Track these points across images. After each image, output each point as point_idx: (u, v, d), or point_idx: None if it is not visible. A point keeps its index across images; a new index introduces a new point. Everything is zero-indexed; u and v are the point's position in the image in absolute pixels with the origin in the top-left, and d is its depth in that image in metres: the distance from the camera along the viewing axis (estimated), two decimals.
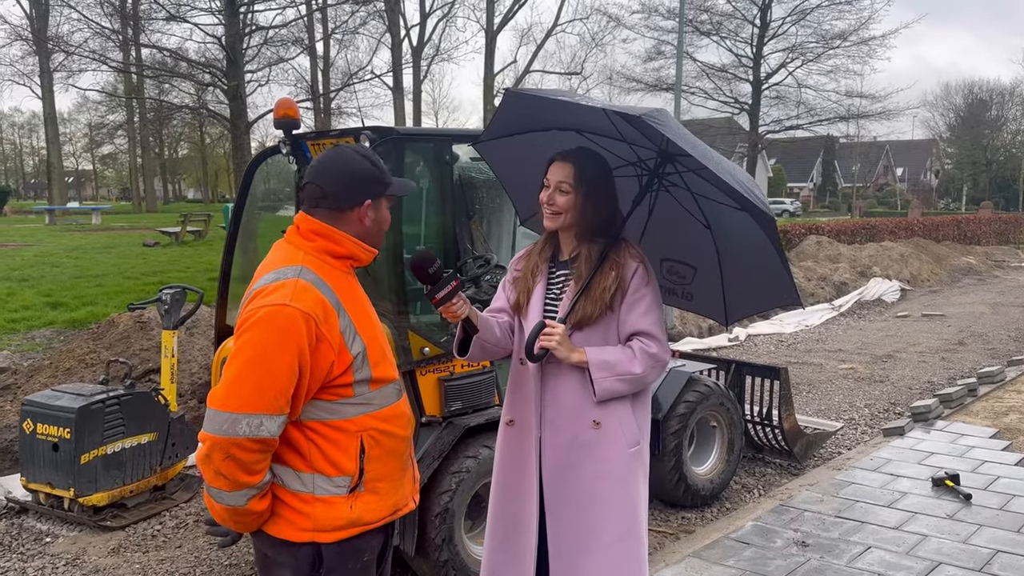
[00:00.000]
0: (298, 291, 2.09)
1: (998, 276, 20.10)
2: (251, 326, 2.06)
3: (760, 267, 2.78)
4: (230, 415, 2.01)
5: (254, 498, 2.10)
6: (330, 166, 2.24)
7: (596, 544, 2.65)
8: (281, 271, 2.15)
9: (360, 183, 2.24)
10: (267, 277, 2.15)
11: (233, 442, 2.01)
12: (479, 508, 4.32)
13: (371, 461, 2.21)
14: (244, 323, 2.09)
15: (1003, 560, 4.16)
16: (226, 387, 2.04)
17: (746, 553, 4.29)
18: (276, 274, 2.14)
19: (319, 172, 2.24)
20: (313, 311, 2.08)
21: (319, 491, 2.16)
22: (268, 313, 2.05)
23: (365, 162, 2.26)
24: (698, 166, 2.46)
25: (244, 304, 2.16)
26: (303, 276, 2.13)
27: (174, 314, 5.82)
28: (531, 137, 2.87)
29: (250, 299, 2.14)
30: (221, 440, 2.01)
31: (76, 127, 64.48)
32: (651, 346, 2.63)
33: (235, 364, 2.05)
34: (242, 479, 2.05)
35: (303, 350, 2.06)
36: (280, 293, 2.08)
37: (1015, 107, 59.94)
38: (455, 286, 2.48)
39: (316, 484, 2.16)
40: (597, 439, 2.63)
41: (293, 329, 2.05)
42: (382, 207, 2.30)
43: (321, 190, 2.22)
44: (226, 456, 2.02)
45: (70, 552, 4.73)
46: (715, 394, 5.39)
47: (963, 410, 7.16)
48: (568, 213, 2.66)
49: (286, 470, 2.17)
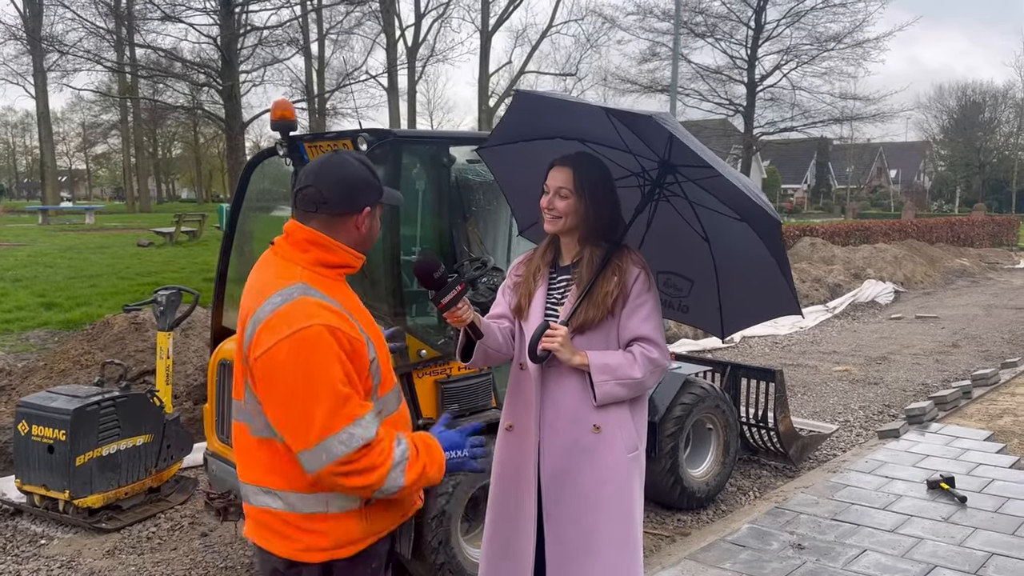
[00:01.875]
0: (313, 308, 2.05)
1: (991, 278, 20.16)
2: (285, 359, 2.00)
3: (758, 279, 2.79)
4: (320, 446, 2.00)
5: (404, 475, 2.10)
6: (331, 170, 2.19)
7: (594, 549, 2.65)
8: (284, 292, 2.08)
9: (360, 189, 2.20)
10: (272, 300, 2.07)
11: (340, 464, 2.01)
12: (476, 511, 4.32)
13: None
14: (275, 357, 2.01)
15: (998, 563, 4.18)
16: (302, 422, 2.00)
17: (742, 556, 4.29)
18: (281, 296, 2.07)
19: (319, 176, 2.18)
20: (334, 323, 2.05)
21: (333, 507, 2.13)
22: (297, 339, 2.00)
23: (364, 168, 2.23)
24: (702, 175, 2.48)
25: (254, 338, 2.07)
26: (309, 293, 2.08)
27: (169, 315, 5.81)
28: (534, 145, 2.87)
29: (263, 329, 2.05)
30: (329, 470, 2.01)
31: (69, 126, 64.31)
32: (652, 351, 2.64)
33: (294, 401, 2.00)
34: (375, 478, 2.05)
35: (343, 359, 2.04)
36: (296, 316, 2.03)
37: (1008, 110, 60.15)
38: (460, 291, 2.48)
39: (330, 502, 2.13)
40: (597, 444, 2.63)
41: (325, 344, 2.01)
42: (376, 215, 2.27)
43: (321, 194, 2.16)
44: (345, 475, 2.03)
45: (65, 554, 4.72)
46: (711, 396, 5.39)
47: (957, 412, 7.18)
48: (568, 218, 2.66)
49: (295, 495, 2.13)
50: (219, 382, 4.32)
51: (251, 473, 2.20)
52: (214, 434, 4.37)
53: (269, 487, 2.15)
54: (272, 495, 2.15)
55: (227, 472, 4.22)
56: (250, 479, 2.20)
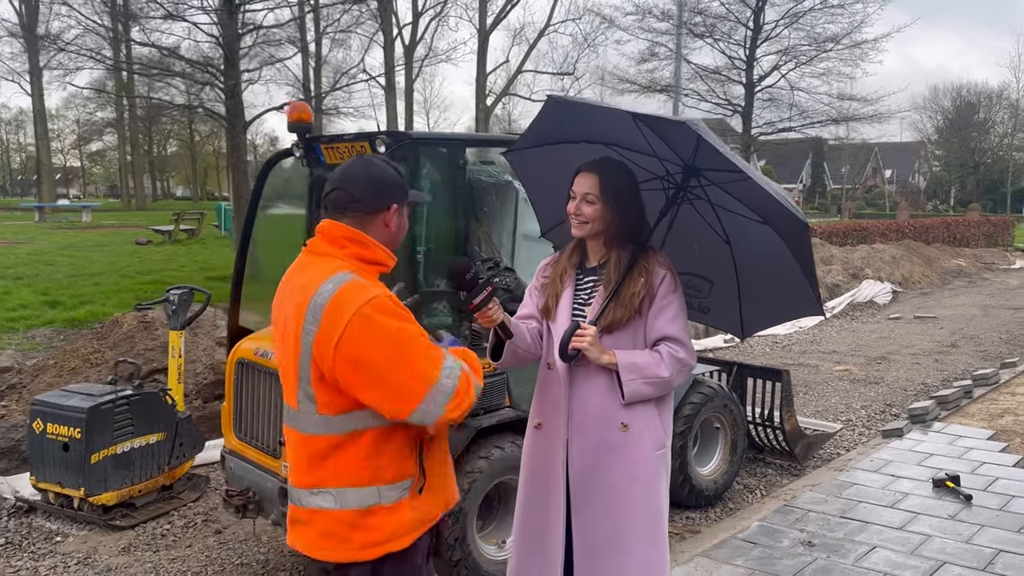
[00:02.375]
0: (365, 284, 2.16)
1: (988, 278, 20.27)
2: (366, 332, 2.09)
3: (779, 281, 2.84)
4: (435, 390, 2.12)
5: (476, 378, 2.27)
6: (357, 172, 2.28)
7: (623, 545, 2.71)
8: (333, 279, 2.15)
9: (388, 187, 2.28)
10: (324, 290, 2.13)
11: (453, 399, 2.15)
12: (491, 508, 4.38)
13: (428, 460, 2.28)
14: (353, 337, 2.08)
15: (1006, 560, 4.24)
16: (409, 382, 2.11)
17: (754, 553, 4.36)
18: (331, 283, 2.14)
19: (345, 178, 2.27)
20: (389, 292, 2.19)
21: (385, 499, 2.20)
22: (369, 308, 2.10)
23: (389, 168, 2.32)
24: (727, 179, 2.53)
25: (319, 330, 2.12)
26: (356, 278, 2.17)
27: (181, 315, 5.85)
28: (559, 149, 2.93)
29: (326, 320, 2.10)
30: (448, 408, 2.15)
31: (64, 123, 64.12)
32: (678, 351, 2.70)
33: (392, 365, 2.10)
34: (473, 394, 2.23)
35: (407, 316, 2.18)
36: (359, 292, 2.12)
37: (1003, 110, 60.40)
38: (490, 292, 2.55)
39: (382, 494, 2.20)
40: (625, 441, 2.69)
41: (390, 309, 2.14)
42: (404, 212, 2.35)
43: (350, 195, 2.24)
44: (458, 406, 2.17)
45: (81, 551, 4.76)
46: (719, 396, 5.46)
47: (959, 412, 7.26)
48: (595, 222, 2.72)
49: (350, 491, 2.19)
50: (237, 381, 4.36)
51: (304, 476, 2.25)
52: (232, 432, 4.42)
53: (323, 487, 2.20)
54: (325, 495, 2.20)
55: (245, 469, 4.27)
56: (303, 483, 2.25)
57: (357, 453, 2.17)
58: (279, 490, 3.94)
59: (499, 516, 4.41)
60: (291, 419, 2.28)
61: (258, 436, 4.21)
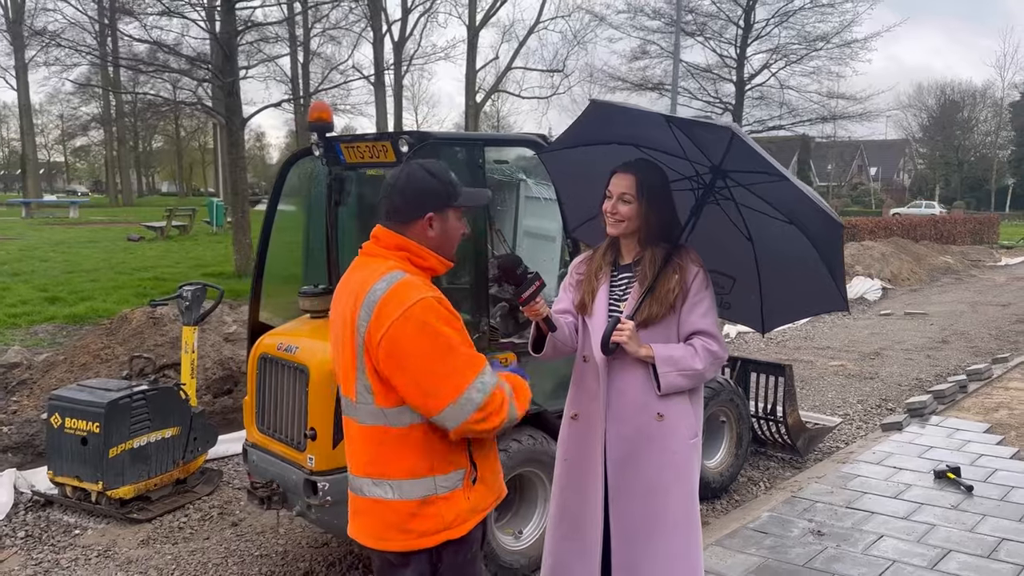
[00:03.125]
0: (417, 284, 2.26)
1: (975, 275, 20.56)
2: (411, 332, 2.19)
3: (802, 278, 2.95)
4: (463, 397, 2.20)
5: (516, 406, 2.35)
6: (396, 183, 2.39)
7: (659, 531, 2.82)
8: (386, 278, 2.26)
9: (422, 197, 2.36)
10: (377, 288, 2.25)
11: (480, 411, 2.21)
12: (508, 500, 4.47)
13: (477, 451, 2.37)
14: (400, 338, 2.19)
15: (1009, 548, 4.39)
16: (441, 384, 2.19)
17: (766, 542, 4.48)
18: (384, 282, 2.25)
19: (388, 188, 2.40)
20: (439, 295, 2.27)
21: (441, 489, 2.30)
22: (416, 308, 2.19)
23: (429, 177, 2.39)
24: (755, 180, 2.63)
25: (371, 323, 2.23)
26: (408, 276, 2.27)
27: (195, 310, 5.90)
28: (590, 150, 3.02)
29: (377, 314, 2.22)
30: (473, 418, 2.21)
31: (48, 118, 63.62)
32: (712, 344, 2.81)
33: (429, 365, 2.19)
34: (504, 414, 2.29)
35: (456, 323, 2.26)
36: (407, 292, 2.22)
37: (986, 109, 61.04)
38: (538, 286, 2.65)
39: (438, 484, 2.30)
40: (661, 431, 2.80)
41: (438, 311, 2.23)
42: (449, 218, 2.41)
43: (391, 204, 2.38)
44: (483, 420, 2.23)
45: (101, 544, 4.82)
46: (725, 390, 5.57)
47: (955, 406, 7.42)
48: (631, 221, 2.83)
49: (408, 482, 2.28)
50: (260, 375, 4.42)
51: (364, 467, 2.35)
52: (254, 426, 4.48)
53: (383, 478, 2.30)
54: (385, 485, 2.30)
55: (268, 462, 4.34)
56: (362, 472, 2.35)
57: (413, 445, 2.27)
58: (304, 482, 4.01)
59: (516, 508, 4.50)
60: (350, 411, 2.38)
61: (281, 429, 4.28)
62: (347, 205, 4.70)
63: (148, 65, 14.98)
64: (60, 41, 14.28)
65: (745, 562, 4.23)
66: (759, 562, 4.23)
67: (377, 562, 2.42)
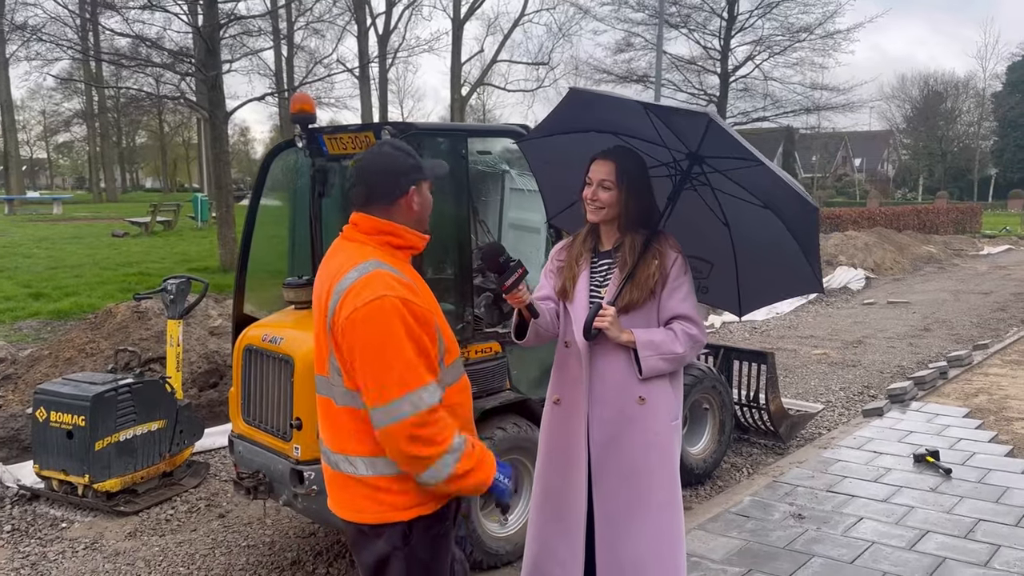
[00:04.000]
0: (386, 280, 2.25)
1: (957, 264, 20.74)
2: (363, 324, 2.21)
3: (778, 261, 3.01)
4: (392, 404, 2.18)
5: (456, 464, 2.25)
6: (370, 166, 2.41)
7: (642, 511, 2.87)
8: (360, 267, 2.29)
9: (401, 173, 2.39)
10: (349, 276, 2.28)
11: (408, 423, 2.18)
12: None
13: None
14: (354, 326, 2.21)
15: (985, 528, 4.48)
16: (378, 383, 2.19)
17: (748, 525, 4.55)
18: (356, 271, 2.28)
19: (361, 173, 2.41)
20: (407, 296, 2.25)
21: None
22: (373, 308, 2.20)
23: (400, 154, 2.43)
24: (730, 166, 2.68)
25: (337, 309, 2.26)
26: (382, 267, 2.29)
27: (179, 304, 5.91)
28: (569, 138, 3.06)
29: (343, 301, 2.25)
30: (395, 428, 2.19)
31: (30, 114, 62.98)
32: (691, 328, 2.87)
33: (369, 361, 2.20)
34: (432, 452, 2.21)
35: (415, 329, 2.23)
36: (372, 286, 2.23)
37: (969, 99, 61.43)
38: (521, 274, 2.69)
39: None
40: (643, 414, 2.85)
41: (399, 314, 2.21)
42: (424, 190, 2.46)
43: (369, 190, 2.39)
44: (410, 439, 2.19)
45: (88, 536, 4.83)
46: (708, 378, 5.63)
47: (935, 392, 7.52)
48: (611, 207, 2.87)
49: (381, 459, 2.31)
50: (245, 367, 4.44)
51: (339, 443, 2.38)
52: (240, 417, 4.50)
53: (357, 454, 2.33)
54: (358, 462, 2.34)
55: (254, 452, 4.36)
56: (337, 447, 2.39)
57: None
58: (290, 472, 4.04)
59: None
60: (324, 388, 2.42)
61: (267, 420, 4.30)
62: (331, 196, 4.72)
63: (130, 60, 14.89)
64: (41, 36, 14.16)
65: (727, 545, 4.29)
66: (741, 545, 4.29)
67: (351, 534, 2.46)
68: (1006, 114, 56.91)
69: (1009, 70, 58.29)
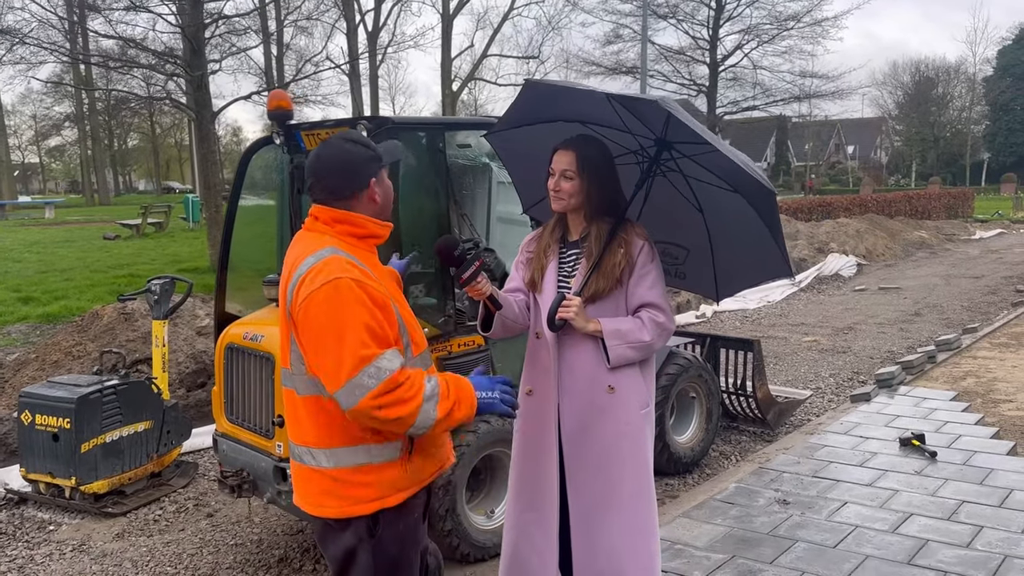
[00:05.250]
0: (342, 264, 2.25)
1: (949, 249, 20.77)
2: (318, 306, 2.20)
3: (751, 245, 3.00)
4: (352, 382, 2.15)
5: (436, 409, 2.23)
6: (326, 162, 2.36)
7: (614, 500, 2.88)
8: (317, 254, 2.28)
9: (360, 166, 2.36)
10: (307, 262, 2.28)
11: (373, 397, 2.15)
12: (479, 480, 4.53)
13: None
14: (309, 308, 2.21)
15: (968, 509, 4.49)
16: (333, 361, 2.17)
17: (732, 512, 4.56)
18: (313, 257, 2.28)
19: (318, 169, 2.36)
20: (361, 278, 2.25)
21: (377, 458, 2.32)
22: (328, 289, 2.20)
23: (355, 146, 2.38)
24: (698, 151, 2.68)
25: (295, 294, 2.27)
26: (338, 253, 2.28)
27: (164, 304, 5.90)
28: (536, 129, 3.06)
29: (299, 286, 2.25)
30: (364, 403, 2.16)
31: (21, 119, 62.76)
32: (658, 316, 2.87)
33: (326, 340, 2.18)
34: (408, 410, 2.19)
35: (371, 308, 2.22)
36: (327, 270, 2.23)
37: (960, 84, 61.47)
38: (479, 266, 2.69)
39: (372, 453, 2.32)
40: (612, 403, 2.85)
41: (354, 294, 2.20)
42: (384, 180, 2.43)
43: (326, 188, 2.35)
44: (378, 408, 2.16)
45: (75, 538, 4.83)
46: (693, 366, 5.64)
47: (923, 376, 7.54)
48: (574, 197, 2.87)
49: (342, 449, 2.31)
50: (227, 365, 4.44)
51: (300, 434, 2.38)
52: (223, 415, 4.50)
53: (318, 446, 2.33)
54: (320, 454, 2.33)
55: (238, 451, 4.37)
56: (299, 440, 2.39)
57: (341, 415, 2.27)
58: (273, 469, 4.05)
59: (487, 487, 4.56)
60: (288, 380, 2.41)
61: (250, 418, 4.31)
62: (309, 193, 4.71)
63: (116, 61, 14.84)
64: (26, 39, 14.10)
65: (711, 532, 4.30)
66: (725, 531, 4.31)
67: (318, 528, 2.46)
68: (997, 98, 56.97)
69: (999, 54, 58.32)
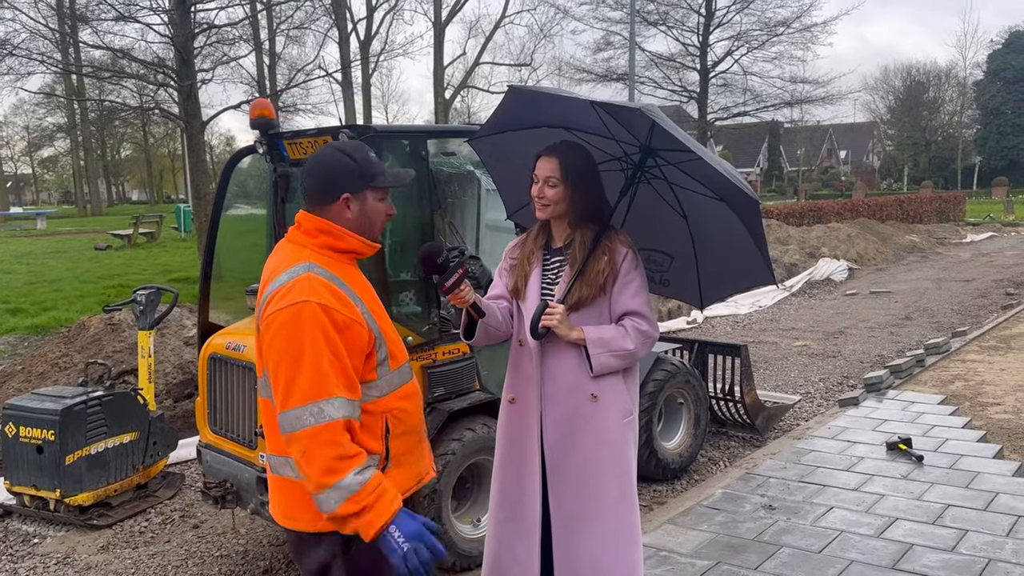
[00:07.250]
0: (312, 285, 2.21)
1: (940, 252, 20.83)
2: (279, 328, 2.17)
3: (735, 253, 3.00)
4: (294, 412, 2.13)
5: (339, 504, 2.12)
6: (311, 166, 2.37)
7: (596, 510, 2.86)
8: (291, 271, 2.25)
9: (335, 179, 2.32)
10: (280, 279, 2.25)
11: (306, 434, 2.11)
12: (464, 489, 4.51)
13: (395, 439, 2.35)
14: (271, 327, 2.19)
15: (954, 513, 4.49)
16: (284, 388, 2.15)
17: (718, 518, 4.55)
18: (287, 275, 2.25)
19: (307, 170, 2.37)
20: (330, 302, 2.20)
21: None
22: (291, 312, 2.16)
23: (344, 158, 2.34)
24: (682, 158, 2.68)
25: (263, 308, 2.25)
26: (312, 271, 2.25)
27: (149, 315, 5.88)
28: (520, 135, 3.06)
29: (268, 302, 2.24)
30: (295, 437, 2.13)
31: (13, 130, 62.63)
32: (642, 324, 2.86)
33: (282, 363, 2.15)
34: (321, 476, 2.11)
35: (333, 338, 2.17)
36: (296, 291, 2.19)
37: (951, 88, 61.75)
38: (462, 273, 2.67)
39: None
40: (595, 411, 2.84)
41: (318, 321, 2.16)
42: (368, 199, 2.36)
43: (307, 189, 2.36)
44: (302, 452, 2.13)
45: (60, 551, 4.80)
46: (681, 372, 5.64)
47: (912, 380, 7.54)
48: (558, 204, 2.86)
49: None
50: (210, 376, 4.43)
51: (277, 445, 2.34)
52: (207, 426, 4.49)
53: (290, 456, 2.28)
54: (293, 465, 2.28)
55: (222, 462, 4.35)
56: (276, 451, 2.35)
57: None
58: (256, 480, 4.03)
59: (473, 496, 4.55)
60: (264, 390, 2.37)
61: (233, 429, 4.29)
62: (293, 202, 4.70)
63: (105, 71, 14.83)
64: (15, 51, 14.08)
65: (696, 538, 4.29)
66: (710, 538, 4.30)
67: (292, 540, 2.42)
68: (988, 102, 57.26)
69: (990, 59, 58.63)
